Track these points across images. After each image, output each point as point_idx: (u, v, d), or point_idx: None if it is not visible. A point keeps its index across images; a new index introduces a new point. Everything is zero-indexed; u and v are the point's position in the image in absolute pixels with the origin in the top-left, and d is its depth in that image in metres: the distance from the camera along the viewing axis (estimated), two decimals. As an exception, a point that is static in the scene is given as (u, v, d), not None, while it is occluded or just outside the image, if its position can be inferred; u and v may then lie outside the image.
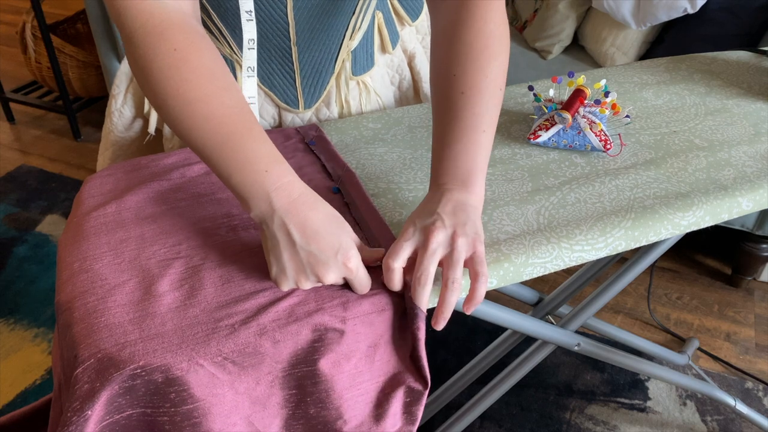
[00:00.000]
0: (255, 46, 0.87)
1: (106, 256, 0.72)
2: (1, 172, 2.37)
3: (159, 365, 0.60)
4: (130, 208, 0.79)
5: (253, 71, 0.89)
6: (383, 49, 1.02)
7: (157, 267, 0.70)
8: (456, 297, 0.65)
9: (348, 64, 0.97)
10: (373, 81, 1.02)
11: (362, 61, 0.98)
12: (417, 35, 1.08)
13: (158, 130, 1.03)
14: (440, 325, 0.65)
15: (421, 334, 0.67)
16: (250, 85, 0.89)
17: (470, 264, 0.66)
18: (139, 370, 0.60)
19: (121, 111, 1.04)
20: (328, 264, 0.65)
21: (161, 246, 0.73)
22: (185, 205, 0.80)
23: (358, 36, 0.95)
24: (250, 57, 0.87)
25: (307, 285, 0.67)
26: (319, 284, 0.68)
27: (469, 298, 0.66)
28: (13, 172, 2.37)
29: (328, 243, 0.65)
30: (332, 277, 0.66)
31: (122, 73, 1.03)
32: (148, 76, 0.67)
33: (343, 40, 0.94)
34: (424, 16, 1.08)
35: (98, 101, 2.68)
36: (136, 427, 0.64)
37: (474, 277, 0.66)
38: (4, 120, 2.71)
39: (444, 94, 0.74)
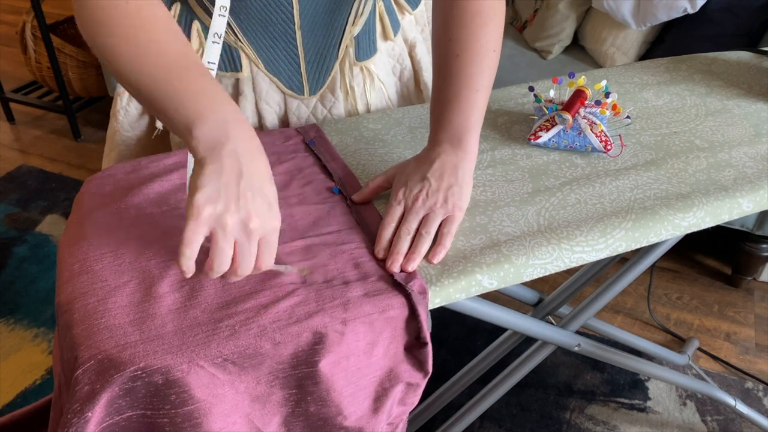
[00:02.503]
0: (226, 13, 0.82)
1: (106, 258, 0.72)
2: (1, 172, 2.37)
3: (159, 367, 0.60)
4: (131, 209, 0.79)
5: (220, 38, 0.83)
6: (385, 37, 1.03)
7: (158, 268, 0.70)
8: (425, 246, 0.73)
9: (351, 50, 0.97)
10: (376, 68, 1.02)
11: (365, 47, 0.99)
12: (417, 26, 1.09)
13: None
14: (409, 266, 0.71)
15: (424, 320, 0.68)
16: (214, 51, 0.83)
17: (443, 224, 0.75)
18: (139, 372, 0.60)
19: (126, 109, 1.03)
20: (261, 210, 0.62)
21: (161, 247, 0.73)
22: (186, 206, 0.80)
23: (361, 22, 0.96)
24: (219, 24, 0.83)
25: (227, 220, 0.61)
26: (235, 228, 0.62)
27: (434, 248, 0.73)
28: (13, 172, 2.37)
29: (270, 191, 0.64)
30: (257, 224, 0.62)
31: None
32: (99, 26, 0.69)
33: (346, 25, 0.95)
34: (423, 7, 1.09)
35: (98, 101, 2.68)
36: (137, 429, 0.64)
37: (440, 234, 0.74)
38: (4, 120, 2.71)
39: (441, 57, 0.81)
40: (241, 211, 0.62)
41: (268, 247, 0.65)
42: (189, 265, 0.61)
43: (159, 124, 1.02)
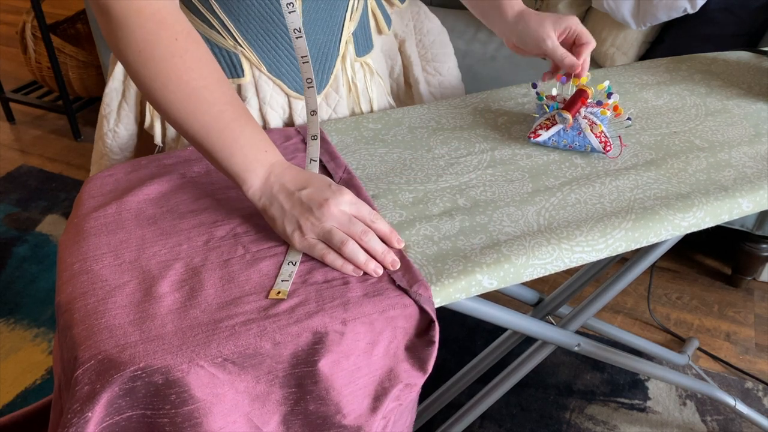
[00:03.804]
0: (296, 8, 0.88)
1: (106, 257, 0.72)
2: (1, 172, 2.37)
3: (159, 367, 0.60)
4: (131, 209, 0.79)
5: (301, 32, 0.90)
6: (379, 31, 1.04)
7: (158, 268, 0.70)
8: None
9: (351, 47, 0.98)
10: (374, 63, 1.03)
11: (363, 43, 1.00)
12: (402, 21, 1.10)
13: (163, 141, 1.00)
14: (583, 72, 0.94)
15: (434, 318, 0.69)
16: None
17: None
18: (139, 372, 0.60)
19: (115, 131, 1.01)
20: (326, 195, 0.71)
21: (161, 247, 0.73)
22: (185, 205, 0.80)
23: (357, 17, 0.96)
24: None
25: (318, 225, 0.70)
26: (330, 219, 0.70)
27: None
28: (13, 172, 2.37)
29: (320, 183, 0.73)
30: (334, 202, 0.71)
31: (111, 90, 1.00)
32: (148, 60, 0.70)
33: (344, 21, 0.95)
34: (408, 3, 1.11)
35: (98, 101, 2.67)
36: (137, 429, 0.64)
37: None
38: (4, 120, 2.71)
39: None
40: (315, 207, 0.71)
41: (359, 206, 0.73)
42: (353, 268, 0.71)
43: (158, 140, 0.99)
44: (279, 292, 0.68)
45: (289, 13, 0.86)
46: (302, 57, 0.89)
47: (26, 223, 2.10)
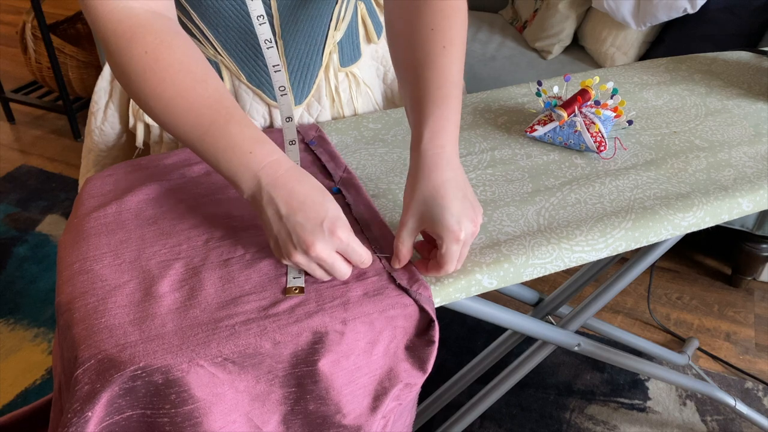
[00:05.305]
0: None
1: (106, 257, 0.72)
2: (1, 172, 2.37)
3: (159, 366, 0.60)
4: (131, 209, 0.79)
5: (281, 67, 0.87)
6: (368, 39, 1.02)
7: (158, 268, 0.70)
8: None
9: (335, 56, 0.96)
10: (361, 72, 1.01)
11: (349, 52, 0.98)
12: None
13: (145, 143, 1.01)
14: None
15: (434, 317, 0.68)
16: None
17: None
18: (139, 371, 0.60)
19: (101, 128, 1.02)
20: (315, 233, 0.65)
21: (161, 247, 0.73)
22: (185, 206, 0.80)
23: (343, 26, 0.95)
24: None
25: (299, 258, 0.66)
26: (311, 259, 0.66)
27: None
28: (13, 172, 2.37)
29: (314, 212, 0.66)
30: (320, 247, 0.65)
31: (100, 89, 1.01)
32: (128, 80, 0.71)
33: (328, 31, 0.94)
34: None
35: (98, 101, 2.67)
36: (137, 428, 0.64)
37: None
38: (4, 120, 2.71)
39: (424, 50, 0.75)
40: (299, 247, 0.66)
41: (349, 250, 0.67)
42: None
43: (140, 143, 1.00)
44: (296, 289, 0.68)
45: (260, 25, 0.85)
46: (274, 66, 0.86)
47: (26, 223, 2.10)
